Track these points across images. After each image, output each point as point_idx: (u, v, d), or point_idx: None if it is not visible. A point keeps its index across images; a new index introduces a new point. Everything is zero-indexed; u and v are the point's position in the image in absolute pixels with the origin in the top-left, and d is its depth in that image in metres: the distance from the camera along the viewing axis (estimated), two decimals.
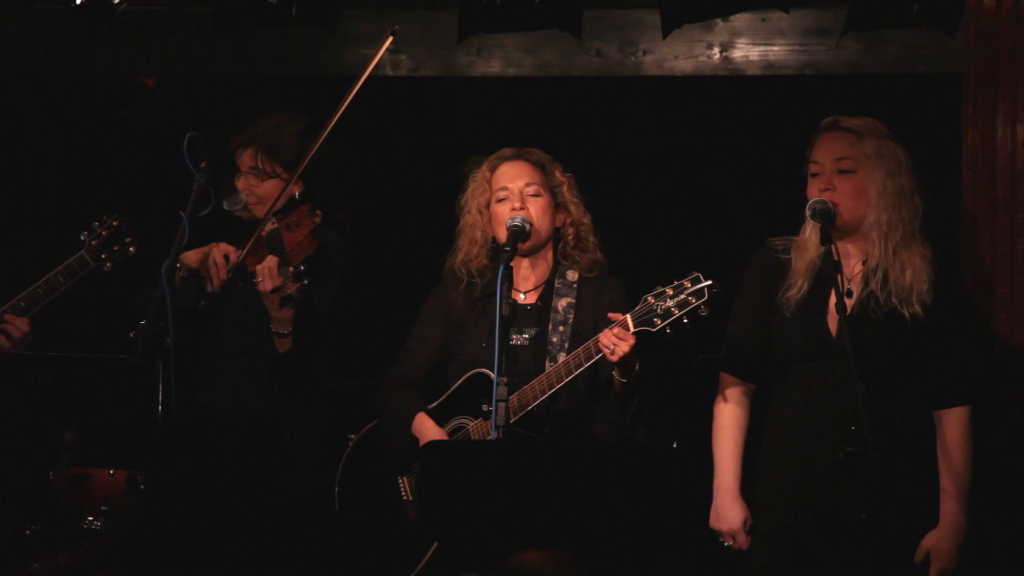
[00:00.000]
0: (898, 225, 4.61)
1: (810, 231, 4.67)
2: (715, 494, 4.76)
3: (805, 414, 4.61)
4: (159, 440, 4.65)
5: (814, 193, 4.64)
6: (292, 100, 5.93)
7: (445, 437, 4.94)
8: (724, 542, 4.74)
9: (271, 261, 4.97)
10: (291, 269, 4.95)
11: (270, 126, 5.25)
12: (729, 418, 4.77)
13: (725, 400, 4.78)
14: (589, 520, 4.02)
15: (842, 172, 4.62)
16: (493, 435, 4.53)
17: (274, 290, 4.95)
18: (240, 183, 5.22)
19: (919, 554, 4.54)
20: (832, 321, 4.60)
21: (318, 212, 5.21)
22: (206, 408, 5.18)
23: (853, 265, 4.68)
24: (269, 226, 5.06)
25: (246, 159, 5.25)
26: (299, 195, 5.21)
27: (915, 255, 4.61)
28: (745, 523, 4.71)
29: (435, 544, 4.84)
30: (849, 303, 4.60)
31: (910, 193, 4.63)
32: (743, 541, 4.71)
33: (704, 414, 4.88)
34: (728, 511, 4.73)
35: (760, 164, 6.04)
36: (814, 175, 4.65)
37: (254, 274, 5.00)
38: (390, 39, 5.08)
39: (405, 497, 5.03)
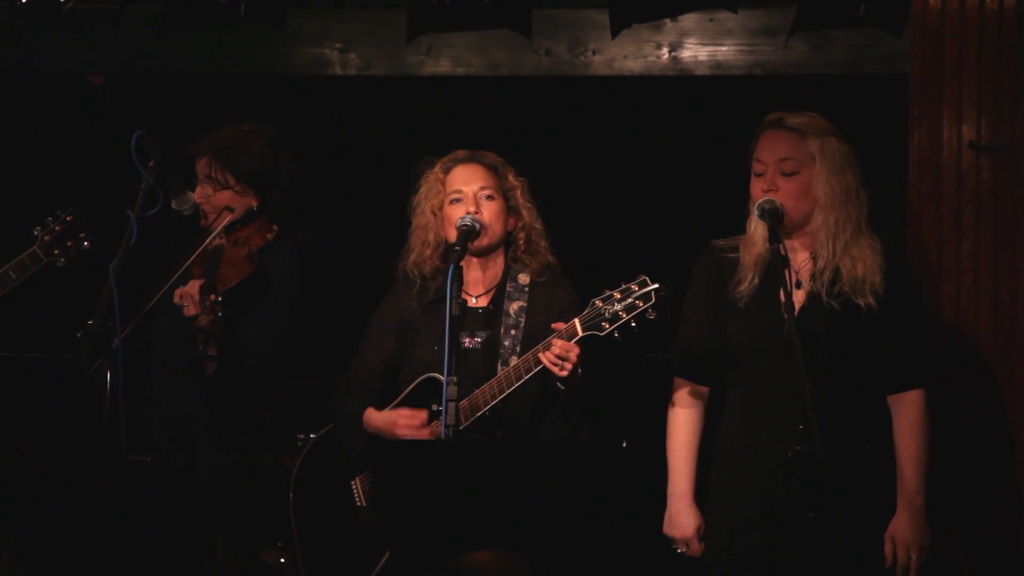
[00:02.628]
0: (846, 224, 4.61)
1: (756, 225, 4.65)
2: (669, 500, 4.73)
3: (760, 410, 4.61)
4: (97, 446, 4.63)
5: (757, 191, 4.64)
6: (240, 99, 5.93)
7: (393, 416, 4.91)
8: (677, 549, 4.72)
9: (193, 287, 4.87)
10: (210, 298, 4.82)
11: (229, 135, 5.13)
12: (682, 423, 4.74)
13: (678, 405, 4.74)
14: (537, 520, 4.03)
15: (785, 174, 4.62)
16: (443, 435, 4.53)
17: (191, 318, 4.87)
18: (198, 192, 5.12)
19: (887, 546, 4.54)
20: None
21: (273, 227, 5.13)
22: (147, 418, 5.11)
23: (801, 258, 4.68)
24: (217, 240, 5.01)
25: (202, 167, 5.13)
26: (257, 208, 5.13)
27: (864, 247, 4.61)
28: (699, 530, 4.68)
29: (388, 553, 4.83)
30: (800, 294, 4.62)
31: (855, 189, 4.63)
32: (696, 548, 4.68)
33: (654, 413, 4.88)
34: (682, 517, 4.70)
35: (709, 164, 6.06)
36: (758, 174, 4.65)
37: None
38: (228, 217, 5.06)
39: (359, 502, 5.02)
